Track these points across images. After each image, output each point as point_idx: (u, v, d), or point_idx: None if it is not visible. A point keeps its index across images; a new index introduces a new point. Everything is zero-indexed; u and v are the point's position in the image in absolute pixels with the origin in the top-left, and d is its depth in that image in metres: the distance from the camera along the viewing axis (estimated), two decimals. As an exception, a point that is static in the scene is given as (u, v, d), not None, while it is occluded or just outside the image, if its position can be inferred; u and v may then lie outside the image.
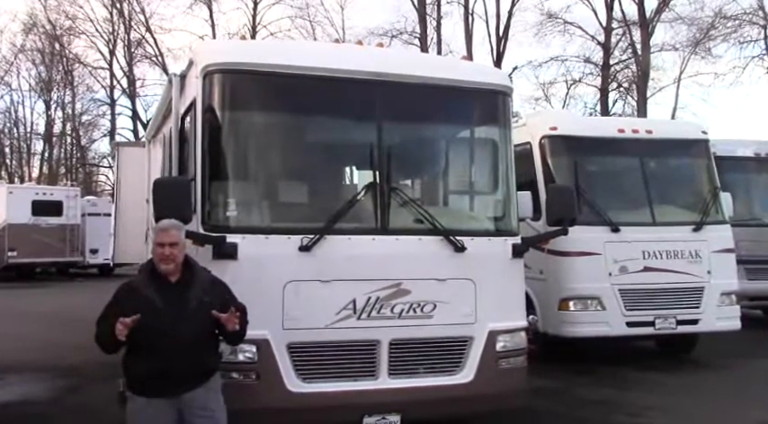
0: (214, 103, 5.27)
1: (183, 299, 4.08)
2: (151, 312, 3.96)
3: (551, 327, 8.99)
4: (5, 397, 7.84)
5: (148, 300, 4.01)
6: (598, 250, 8.78)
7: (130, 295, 4.11)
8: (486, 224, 6.05)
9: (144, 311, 3.93)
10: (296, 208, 5.59)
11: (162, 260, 4.09)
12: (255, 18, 37.75)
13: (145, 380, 4.02)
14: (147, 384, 4.01)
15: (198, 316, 4.08)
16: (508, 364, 5.57)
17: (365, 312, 5.14)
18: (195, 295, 4.12)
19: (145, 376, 4.02)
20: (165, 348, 3.95)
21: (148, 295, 4.04)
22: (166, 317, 3.98)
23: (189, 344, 4.02)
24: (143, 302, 4.00)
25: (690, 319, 9.02)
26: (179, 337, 3.98)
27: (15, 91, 44.32)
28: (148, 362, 3.96)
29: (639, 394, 7.89)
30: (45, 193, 25.31)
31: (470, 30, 31.50)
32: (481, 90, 5.92)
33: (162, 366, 3.95)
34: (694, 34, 28.71)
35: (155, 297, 4.03)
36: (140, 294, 4.06)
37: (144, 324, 3.90)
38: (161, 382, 3.98)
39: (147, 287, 4.08)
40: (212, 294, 4.23)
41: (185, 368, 4.03)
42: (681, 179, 10.13)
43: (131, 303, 4.01)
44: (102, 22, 40.70)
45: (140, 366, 4.00)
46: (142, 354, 3.97)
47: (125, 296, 4.11)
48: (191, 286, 4.15)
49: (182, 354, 3.98)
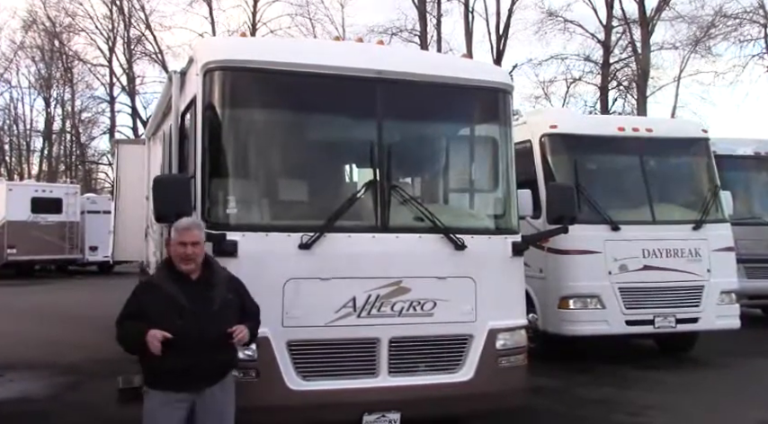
0: (214, 101, 5.26)
1: (208, 298, 4.11)
2: (175, 310, 4.00)
3: (551, 325, 8.99)
4: (5, 394, 7.84)
5: (171, 298, 4.03)
6: (598, 248, 8.79)
7: (151, 292, 4.13)
8: (487, 222, 6.04)
9: (167, 308, 3.99)
10: (296, 206, 5.59)
11: (183, 260, 4.11)
12: (255, 15, 37.71)
13: (168, 376, 4.02)
14: (170, 379, 4.01)
15: (222, 315, 4.13)
16: (508, 362, 5.57)
17: (365, 310, 5.14)
18: (219, 294, 4.16)
19: (168, 373, 4.01)
20: (190, 346, 3.95)
21: (171, 293, 4.05)
22: (192, 315, 4.01)
23: (213, 342, 4.05)
24: (166, 299, 4.03)
25: (689, 317, 9.03)
26: (205, 335, 4.01)
27: (15, 88, 44.45)
28: (173, 359, 3.93)
29: (639, 393, 7.90)
30: (45, 190, 25.25)
31: (470, 28, 31.49)
32: (482, 88, 5.91)
33: (186, 364, 3.96)
34: (694, 33, 28.70)
35: (178, 295, 4.04)
36: (162, 291, 4.07)
37: (169, 322, 3.93)
38: (184, 378, 4.01)
39: (168, 285, 4.09)
40: (233, 292, 4.30)
41: (208, 365, 4.08)
42: (681, 177, 10.14)
43: (153, 300, 4.05)
44: (101, 19, 40.70)
45: (164, 363, 3.95)
46: (168, 351, 3.92)
47: (145, 294, 4.14)
48: (213, 284, 4.18)
49: (206, 352, 4.02)
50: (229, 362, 4.30)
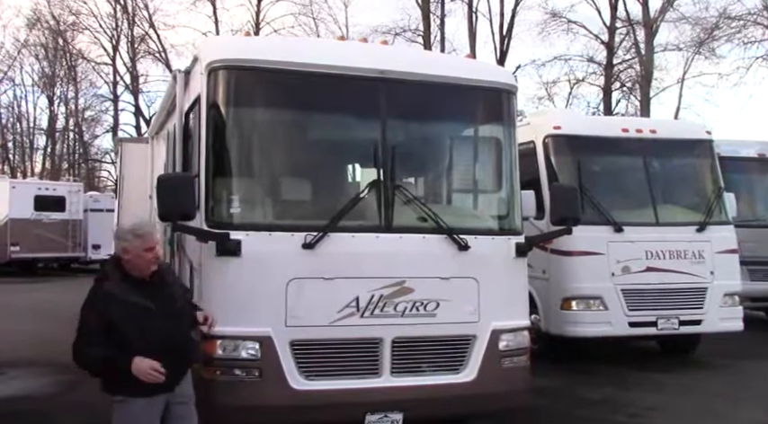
0: (218, 100, 5.26)
1: (169, 297, 4.08)
2: (145, 315, 3.90)
3: (553, 326, 8.98)
4: (6, 392, 7.85)
5: (138, 305, 3.91)
6: (601, 249, 8.77)
7: (115, 303, 3.89)
8: (490, 222, 6.03)
9: (137, 316, 3.88)
10: (299, 206, 5.58)
11: (149, 265, 4.00)
12: (259, 15, 37.71)
13: (148, 383, 3.88)
14: (149, 385, 3.88)
15: (185, 312, 4.20)
16: (511, 363, 5.56)
17: (368, 310, 5.13)
18: (176, 292, 4.19)
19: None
20: (165, 348, 3.92)
21: (136, 300, 3.91)
22: (161, 318, 3.95)
23: (183, 340, 4.12)
24: (133, 308, 3.89)
25: (692, 319, 9.01)
26: (175, 334, 4.02)
27: (18, 86, 44.37)
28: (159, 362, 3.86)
29: (640, 394, 7.89)
30: (48, 188, 25.29)
31: (474, 29, 31.46)
32: (486, 88, 5.90)
33: (164, 366, 3.87)
34: (698, 34, 28.61)
35: (143, 301, 3.93)
36: (126, 300, 3.90)
37: (140, 329, 3.86)
38: (172, 377, 3.97)
39: (130, 293, 3.93)
40: (181, 285, 4.44)
41: (181, 362, 4.11)
42: (684, 179, 10.11)
43: (119, 311, 3.87)
44: (105, 17, 40.78)
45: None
46: (149, 356, 3.85)
47: (109, 306, 3.88)
48: (168, 283, 4.16)
49: (179, 350, 4.05)
50: (195, 357, 4.38)
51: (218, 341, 4.93)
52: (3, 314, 13.87)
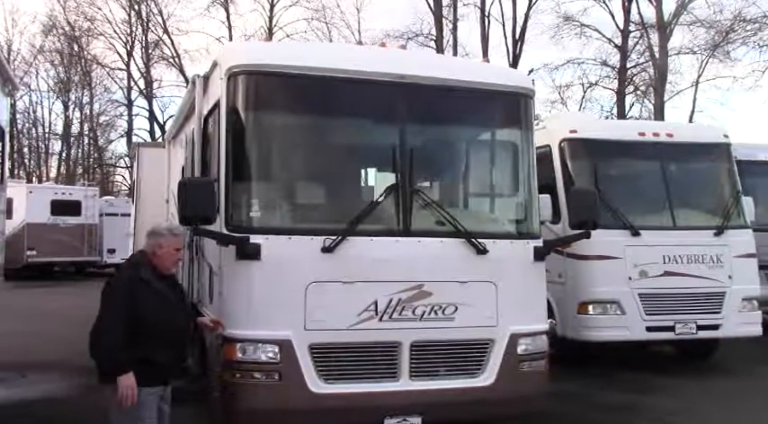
0: (238, 104, 5.30)
1: (180, 293, 4.54)
2: (166, 307, 4.27)
3: (570, 331, 8.94)
4: (29, 395, 7.91)
5: (163, 295, 4.29)
6: (618, 253, 8.73)
7: (144, 288, 4.24)
8: (508, 226, 6.03)
9: (160, 304, 4.25)
10: (318, 209, 5.61)
11: (176, 263, 4.50)
12: (272, 20, 37.94)
13: (160, 370, 4.26)
14: (160, 373, 4.27)
15: (189, 312, 4.69)
16: (530, 367, 5.56)
17: (387, 313, 5.15)
18: (185, 292, 4.70)
19: (161, 367, 4.25)
20: (173, 338, 4.32)
21: (162, 290, 4.31)
22: (177, 311, 4.37)
23: (186, 336, 4.57)
24: (157, 295, 4.26)
25: (710, 324, 8.94)
26: (184, 329, 4.46)
27: (34, 91, 44.79)
28: (165, 353, 4.24)
29: (661, 399, 7.84)
30: (64, 193, 25.49)
31: (486, 33, 31.46)
32: (504, 92, 5.92)
33: (172, 356, 4.33)
34: (713, 37, 28.46)
35: (167, 292, 4.34)
36: (158, 291, 4.29)
37: (162, 317, 4.20)
38: (170, 369, 4.39)
39: (158, 283, 4.33)
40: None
41: (183, 354, 4.57)
42: (702, 183, 10.01)
43: (146, 296, 4.20)
44: (120, 23, 41.16)
45: (156, 356, 4.19)
46: (158, 344, 4.18)
47: (140, 293, 4.20)
48: (178, 282, 4.62)
49: (184, 342, 4.51)
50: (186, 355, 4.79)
51: (238, 344, 4.97)
52: (21, 318, 13.96)
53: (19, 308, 14.17)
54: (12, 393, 7.96)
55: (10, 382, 8.43)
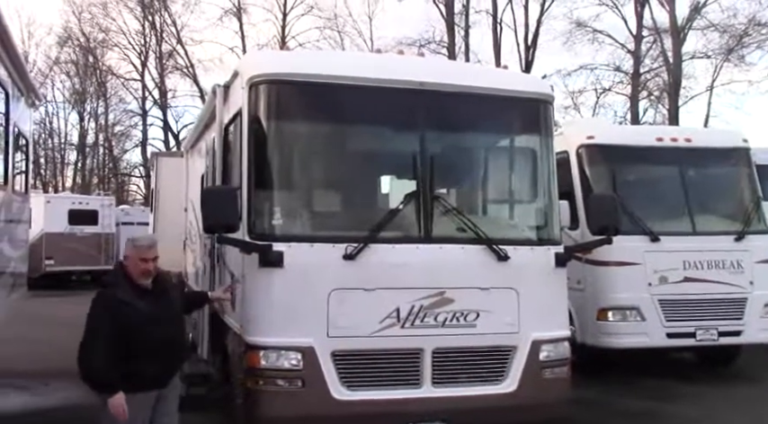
0: (260, 113, 5.34)
1: (169, 304, 4.59)
2: (149, 320, 4.33)
3: (589, 337, 8.89)
4: (52, 402, 7.98)
5: (147, 313, 4.34)
6: (637, 259, 8.67)
7: (124, 310, 4.30)
8: (529, 233, 6.02)
9: (142, 321, 4.30)
10: (340, 217, 5.64)
11: (143, 274, 4.46)
12: (285, 29, 38.20)
13: (146, 380, 4.38)
14: (148, 382, 4.40)
15: (180, 319, 4.76)
16: (552, 373, 5.54)
17: (408, 320, 5.16)
18: (173, 300, 4.70)
19: (148, 377, 4.39)
20: (164, 350, 4.42)
21: (144, 308, 4.35)
22: (161, 323, 4.40)
23: (180, 342, 4.69)
24: (139, 313, 4.31)
25: (732, 330, 8.85)
26: (173, 338, 4.53)
27: (50, 102, 45.23)
28: (152, 365, 4.35)
29: (683, 406, 7.77)
30: (81, 203, 25.65)
31: (499, 40, 31.52)
32: (523, 98, 5.92)
33: (162, 366, 4.45)
34: (727, 41, 28.33)
35: (151, 309, 4.37)
36: (136, 309, 4.32)
37: (146, 332, 4.29)
38: (159, 378, 4.48)
39: (137, 301, 4.36)
40: (180, 292, 5.07)
41: (175, 363, 4.66)
42: (721, 188, 9.93)
43: (127, 315, 4.28)
44: (134, 34, 41.64)
45: (146, 370, 4.34)
46: (147, 359, 4.33)
47: (118, 313, 4.28)
48: (166, 292, 4.66)
49: (174, 352, 4.58)
50: (186, 357, 4.97)
51: (261, 352, 5.00)
52: (41, 326, 14.09)
53: (39, 316, 14.30)
54: (35, 401, 8.04)
55: (33, 390, 8.49)
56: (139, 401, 4.37)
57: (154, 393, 4.50)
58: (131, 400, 4.28)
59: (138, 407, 4.35)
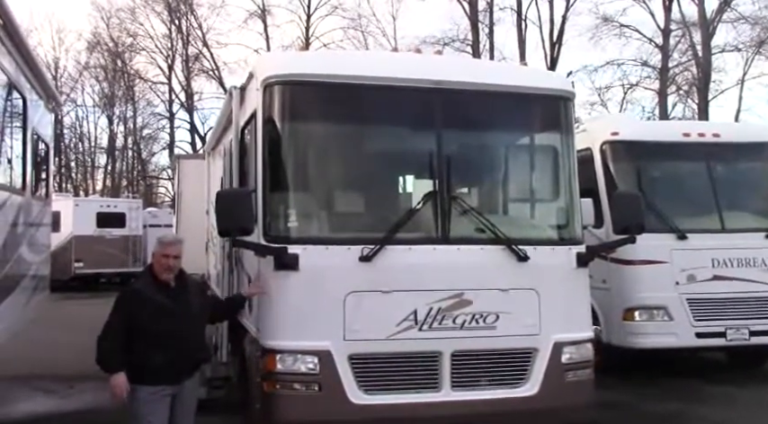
0: (274, 115, 5.30)
1: (186, 301, 4.70)
2: (161, 313, 4.53)
3: (615, 338, 8.72)
4: (77, 405, 8.06)
5: (157, 303, 4.56)
6: (664, 258, 8.49)
7: (138, 299, 4.61)
8: (550, 232, 5.90)
9: (155, 312, 4.53)
10: (356, 219, 5.57)
11: (166, 270, 4.67)
12: (309, 30, 38.26)
13: (155, 372, 4.51)
14: (156, 374, 4.52)
15: (200, 316, 4.84)
16: (575, 376, 5.41)
17: (426, 323, 5.08)
18: (195, 298, 4.82)
19: (156, 369, 4.51)
20: (174, 345, 4.52)
21: (157, 299, 4.57)
22: (175, 317, 4.55)
23: (193, 339, 4.72)
24: (153, 304, 4.55)
25: (764, 330, 8.61)
26: (186, 334, 4.61)
27: (80, 107, 46.02)
28: (160, 356, 4.49)
29: (712, 409, 7.58)
30: (109, 205, 26.03)
31: (523, 36, 31.23)
32: (542, 95, 5.81)
33: (170, 360, 4.52)
34: (758, 33, 27.71)
35: (163, 300, 4.58)
36: (151, 299, 4.57)
37: (156, 324, 4.49)
38: (168, 372, 4.57)
39: (153, 292, 4.61)
40: (203, 295, 5.17)
41: (187, 361, 4.71)
42: (751, 184, 9.67)
43: (140, 306, 4.55)
44: (161, 38, 42.13)
45: (153, 360, 4.49)
46: (155, 349, 4.49)
47: (132, 302, 4.61)
48: (188, 290, 4.79)
49: (187, 349, 4.64)
50: (204, 358, 5.04)
51: (278, 356, 4.96)
52: (69, 328, 14.26)
53: (66, 318, 14.48)
54: (62, 404, 8.12)
55: (60, 393, 8.59)
56: (151, 395, 4.52)
57: (166, 389, 4.58)
58: (140, 391, 4.51)
59: (150, 400, 4.51)
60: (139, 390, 4.53)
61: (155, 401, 4.56)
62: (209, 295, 5.10)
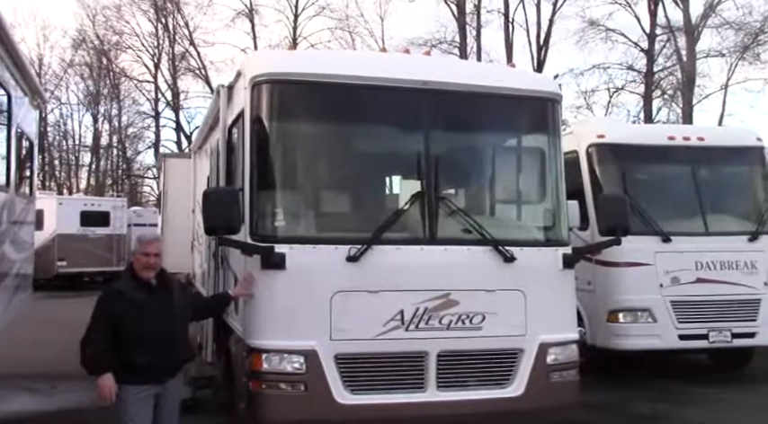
0: (262, 114, 5.28)
1: (168, 300, 4.67)
2: (143, 312, 4.50)
3: (600, 339, 8.78)
4: (60, 405, 7.96)
5: (138, 302, 4.53)
6: (648, 260, 8.55)
7: (119, 299, 4.58)
8: (536, 233, 5.94)
9: (136, 312, 4.49)
10: (343, 218, 5.57)
11: (147, 268, 4.64)
12: (296, 30, 38.21)
13: (139, 371, 4.49)
14: (140, 374, 4.50)
15: (182, 315, 4.79)
16: (560, 377, 5.44)
17: (413, 323, 5.08)
18: (176, 297, 4.77)
19: (140, 368, 4.48)
20: (157, 344, 4.50)
21: (138, 298, 4.55)
22: (156, 317, 4.53)
23: (176, 338, 4.68)
24: (134, 304, 4.52)
25: (746, 332, 8.70)
26: (168, 334, 4.58)
27: (65, 104, 45.57)
28: (143, 356, 4.46)
29: (694, 410, 7.63)
30: (93, 204, 25.79)
31: (510, 39, 31.35)
32: (530, 97, 5.84)
33: (154, 360, 4.49)
34: (742, 39, 27.97)
35: (144, 300, 4.56)
36: (132, 298, 4.55)
37: (138, 323, 4.47)
38: (152, 372, 4.54)
39: (135, 292, 4.59)
40: (184, 294, 5.15)
41: (171, 360, 4.67)
42: (735, 187, 9.78)
43: (122, 306, 4.52)
44: (147, 36, 41.83)
45: (137, 360, 4.47)
46: (138, 348, 4.46)
47: (113, 302, 4.57)
48: (169, 289, 4.76)
49: (170, 349, 4.60)
50: (187, 357, 4.95)
51: (264, 355, 4.94)
52: (50, 327, 14.13)
53: (48, 317, 14.32)
54: (44, 403, 8.04)
55: (44, 392, 8.50)
56: (134, 395, 4.50)
57: (150, 389, 4.57)
58: (126, 391, 4.49)
59: (133, 400, 4.50)
60: (123, 390, 4.52)
61: (138, 402, 4.54)
62: (192, 293, 5.04)
